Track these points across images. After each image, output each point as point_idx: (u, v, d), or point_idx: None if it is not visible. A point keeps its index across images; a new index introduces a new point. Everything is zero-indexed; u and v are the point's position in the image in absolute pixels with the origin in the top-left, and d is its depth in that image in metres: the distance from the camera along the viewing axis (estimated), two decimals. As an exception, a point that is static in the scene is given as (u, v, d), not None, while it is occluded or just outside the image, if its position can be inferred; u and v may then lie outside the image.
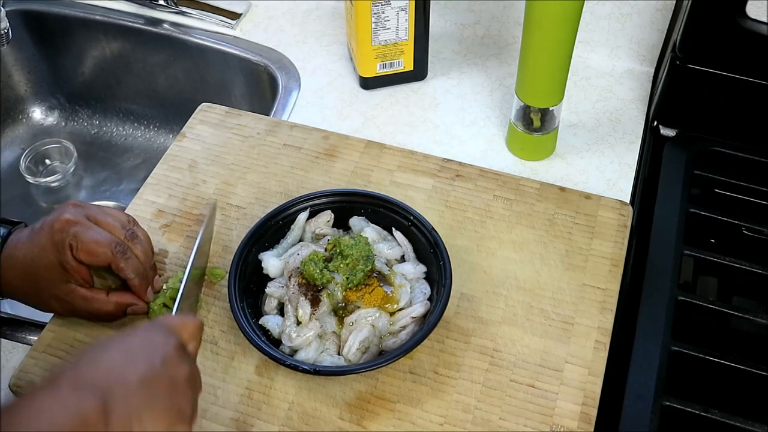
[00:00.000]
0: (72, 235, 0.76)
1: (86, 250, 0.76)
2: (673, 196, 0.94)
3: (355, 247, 0.80)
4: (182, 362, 0.61)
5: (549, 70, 0.93)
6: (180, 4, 1.25)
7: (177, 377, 0.60)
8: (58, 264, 0.76)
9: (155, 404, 0.57)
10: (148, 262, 0.81)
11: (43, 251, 0.76)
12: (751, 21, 0.92)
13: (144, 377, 0.58)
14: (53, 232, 0.76)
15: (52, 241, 0.76)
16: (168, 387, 0.59)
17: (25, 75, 1.37)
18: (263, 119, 1.03)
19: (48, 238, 0.76)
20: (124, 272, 0.79)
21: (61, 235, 0.76)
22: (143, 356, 0.59)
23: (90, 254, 0.77)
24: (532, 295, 0.84)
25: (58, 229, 0.76)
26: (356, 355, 0.77)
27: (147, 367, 0.58)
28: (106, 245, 0.77)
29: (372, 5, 1.02)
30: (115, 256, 0.77)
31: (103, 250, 0.77)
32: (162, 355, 0.60)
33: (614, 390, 0.79)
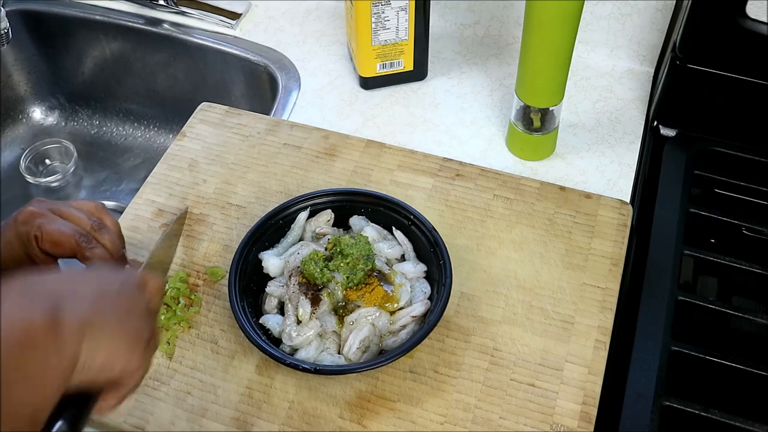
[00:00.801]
0: (36, 227, 0.75)
1: (50, 240, 0.75)
2: (673, 196, 0.94)
3: (356, 247, 0.80)
4: (140, 297, 0.60)
5: (549, 70, 0.93)
6: (180, 4, 1.25)
7: (135, 303, 0.59)
8: (26, 257, 0.76)
9: (110, 320, 0.55)
10: (116, 251, 0.78)
11: (10, 245, 0.75)
12: (751, 21, 0.92)
13: (100, 293, 0.56)
14: (17, 225, 0.76)
15: (17, 234, 0.75)
16: (125, 308, 0.57)
17: (25, 75, 1.37)
18: (263, 118, 1.03)
19: (13, 231, 0.76)
20: (89, 262, 0.77)
21: (25, 227, 0.75)
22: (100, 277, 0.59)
23: (54, 244, 0.75)
24: (532, 294, 0.84)
25: (22, 221, 0.76)
26: (356, 355, 0.77)
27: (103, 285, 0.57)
28: (70, 235, 0.75)
29: (372, 5, 1.02)
30: (80, 245, 0.75)
31: (67, 239, 0.75)
32: (120, 282, 0.59)
33: (614, 390, 0.79)
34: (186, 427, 0.75)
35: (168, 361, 0.80)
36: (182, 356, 0.80)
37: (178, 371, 0.79)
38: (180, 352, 0.80)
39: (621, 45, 1.14)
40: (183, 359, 0.80)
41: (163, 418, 0.76)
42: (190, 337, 0.81)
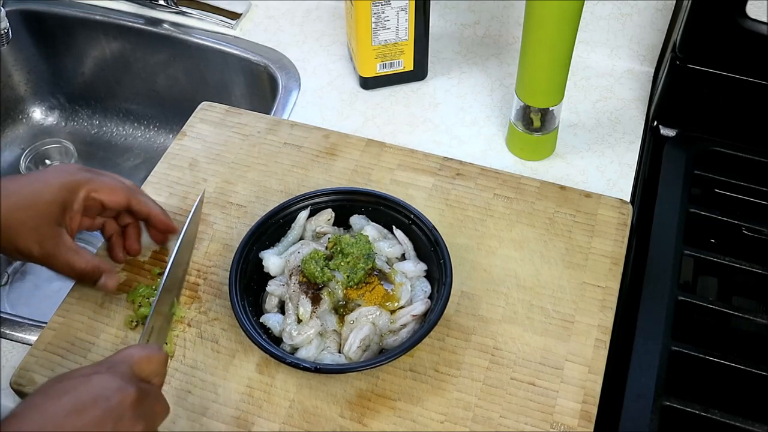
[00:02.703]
0: (87, 179, 0.77)
1: (107, 189, 0.78)
2: (673, 196, 0.94)
3: (356, 246, 0.80)
4: (137, 420, 0.60)
5: (549, 70, 0.93)
6: (180, 4, 1.25)
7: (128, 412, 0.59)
8: (60, 204, 0.76)
9: None
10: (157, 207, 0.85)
11: (48, 187, 0.76)
12: (751, 21, 0.92)
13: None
14: (65, 174, 0.77)
15: (61, 181, 0.76)
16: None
17: (25, 75, 1.37)
18: (264, 118, 1.03)
19: (57, 177, 0.77)
20: (144, 205, 0.81)
21: (74, 177, 0.77)
22: (92, 414, 0.57)
23: (111, 192, 0.79)
24: (533, 293, 0.84)
25: (71, 171, 0.77)
26: (357, 353, 0.77)
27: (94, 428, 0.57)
28: (123, 186, 0.80)
29: (372, 5, 1.02)
30: (133, 193, 0.80)
31: (121, 188, 0.79)
32: (115, 414, 0.58)
33: (614, 390, 0.79)
34: (186, 425, 0.75)
35: (168, 360, 0.79)
36: (183, 355, 0.80)
37: (179, 370, 0.79)
38: (180, 350, 0.80)
39: (621, 45, 1.14)
40: (183, 358, 0.80)
41: (163, 417, 0.76)
42: (190, 336, 0.81)
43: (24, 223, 0.75)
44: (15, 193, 0.75)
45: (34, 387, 0.78)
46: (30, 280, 1.19)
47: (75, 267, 0.78)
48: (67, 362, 0.80)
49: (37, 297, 1.17)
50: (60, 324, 0.83)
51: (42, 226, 0.75)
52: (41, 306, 1.15)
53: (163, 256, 0.88)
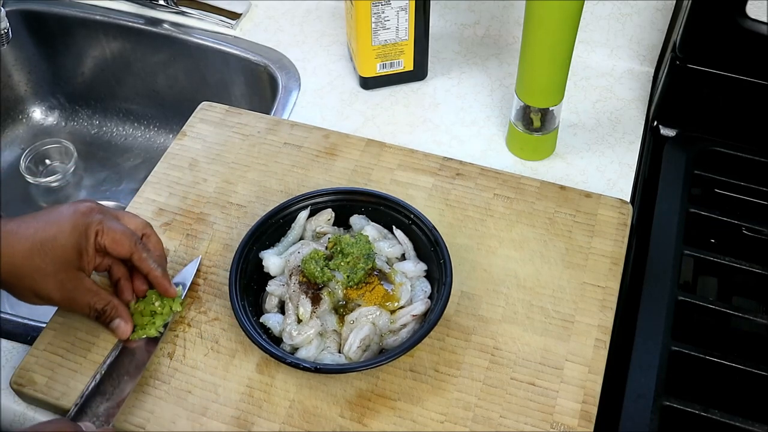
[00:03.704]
0: (98, 221, 0.76)
1: (111, 238, 0.77)
2: (673, 196, 0.94)
3: (356, 246, 0.80)
4: None
5: (549, 70, 0.93)
6: (180, 4, 1.25)
7: None
8: (75, 247, 0.75)
9: None
10: (164, 262, 0.83)
11: (62, 231, 0.75)
12: (751, 21, 0.92)
13: None
14: (77, 215, 0.76)
15: (74, 224, 0.75)
16: None
17: (25, 75, 1.37)
18: (264, 118, 1.03)
19: (70, 219, 0.75)
20: (146, 263, 0.79)
21: (86, 218, 0.76)
22: None
23: (114, 242, 0.77)
24: (533, 293, 0.84)
25: (83, 212, 0.76)
26: (357, 353, 0.77)
27: None
28: (130, 236, 0.78)
29: (372, 5, 1.02)
30: (137, 247, 0.78)
31: (127, 239, 0.78)
32: None
33: (614, 390, 0.79)
34: (186, 425, 0.75)
35: (169, 360, 0.80)
36: (183, 355, 0.80)
37: (179, 370, 0.79)
38: (180, 350, 0.80)
39: (621, 45, 1.14)
40: (183, 358, 0.80)
41: (163, 417, 0.76)
42: (190, 336, 0.81)
43: (41, 269, 0.74)
44: (28, 239, 0.74)
45: (34, 387, 0.78)
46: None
47: (95, 307, 0.78)
48: (67, 362, 0.80)
49: (37, 297, 1.16)
50: (60, 324, 0.83)
51: (60, 271, 0.75)
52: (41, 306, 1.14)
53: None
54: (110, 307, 0.79)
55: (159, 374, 0.79)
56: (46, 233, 0.75)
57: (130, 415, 0.76)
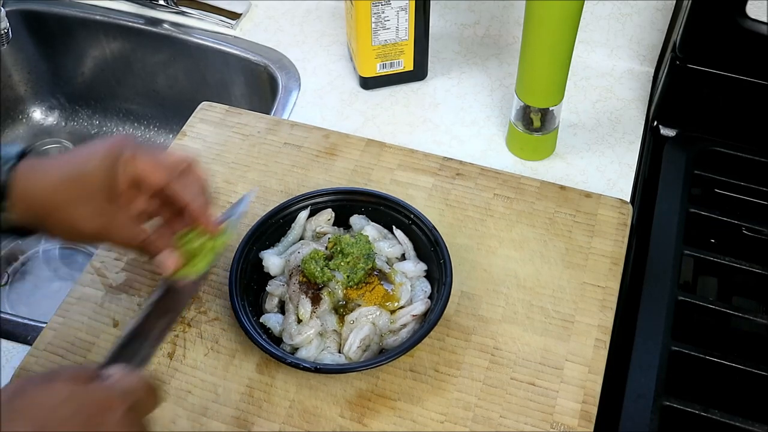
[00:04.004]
0: (130, 150, 0.71)
1: (143, 167, 0.71)
2: (673, 196, 0.94)
3: (356, 246, 0.80)
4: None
5: (549, 70, 0.93)
6: (180, 4, 1.25)
7: None
8: (105, 176, 0.70)
9: None
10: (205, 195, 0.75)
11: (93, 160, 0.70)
12: (751, 21, 0.92)
13: None
14: (108, 146, 0.71)
15: (105, 153, 0.70)
16: None
17: (25, 75, 1.37)
18: (264, 118, 1.03)
19: (101, 150, 0.71)
20: (182, 194, 0.73)
21: (116, 149, 0.71)
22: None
23: (147, 171, 0.71)
24: (533, 293, 0.84)
25: (115, 143, 0.71)
26: (357, 353, 0.77)
27: None
28: (164, 165, 0.72)
29: (372, 5, 1.02)
30: (172, 176, 0.72)
31: (162, 168, 0.72)
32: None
33: (614, 390, 0.79)
34: (186, 425, 0.75)
35: (169, 360, 0.80)
36: (183, 355, 0.80)
37: (179, 370, 0.79)
38: (180, 350, 0.80)
39: (621, 45, 1.14)
40: (183, 358, 0.80)
41: (163, 417, 0.76)
42: (190, 336, 0.81)
43: (72, 200, 0.70)
44: (59, 169, 0.70)
45: (34, 387, 0.78)
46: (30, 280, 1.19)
47: (130, 243, 0.73)
48: (67, 362, 0.80)
49: (37, 297, 1.16)
50: (60, 324, 0.83)
51: (91, 202, 0.70)
52: (41, 306, 1.15)
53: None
54: (149, 242, 0.74)
55: (159, 374, 0.79)
56: (76, 164, 0.71)
57: (130, 415, 0.76)
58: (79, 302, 0.85)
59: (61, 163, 0.71)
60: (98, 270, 0.87)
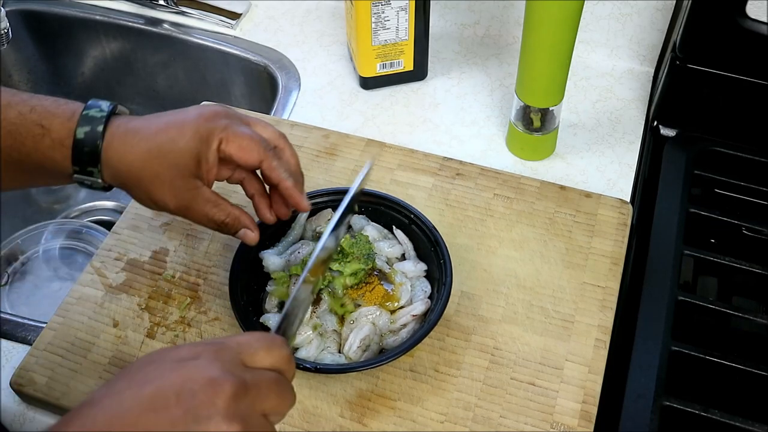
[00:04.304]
0: (222, 127, 0.70)
1: (238, 145, 0.70)
2: (673, 196, 0.94)
3: (356, 246, 0.80)
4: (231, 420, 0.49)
5: (549, 70, 0.93)
6: (180, 4, 1.25)
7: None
8: (194, 154, 0.69)
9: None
10: (298, 175, 0.76)
11: (183, 135, 0.69)
12: (751, 21, 0.92)
13: None
14: (200, 119, 0.70)
15: (196, 128, 0.69)
16: None
17: (25, 75, 1.37)
18: (264, 118, 1.03)
19: (192, 123, 0.70)
20: (276, 172, 0.73)
21: (209, 124, 0.70)
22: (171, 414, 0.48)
23: (241, 149, 0.71)
24: (533, 293, 0.84)
25: (207, 117, 0.70)
26: (357, 353, 0.77)
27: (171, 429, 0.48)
28: (259, 142, 0.71)
29: (372, 5, 1.02)
30: (267, 154, 0.72)
31: (256, 146, 0.71)
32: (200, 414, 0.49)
33: (614, 390, 0.79)
34: (186, 425, 0.75)
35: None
36: (182, 355, 0.80)
37: (179, 370, 0.79)
38: (180, 350, 0.80)
39: (621, 45, 1.14)
40: (183, 358, 0.80)
41: (163, 417, 0.75)
42: (190, 336, 0.81)
43: (157, 175, 0.69)
44: (148, 140, 0.69)
45: (34, 387, 0.78)
46: (30, 280, 1.19)
47: (214, 219, 0.73)
48: (67, 362, 0.80)
49: (37, 297, 1.16)
50: (60, 324, 0.83)
51: (176, 178, 0.70)
52: (41, 306, 1.14)
53: (163, 255, 0.88)
54: (231, 218, 0.74)
55: (159, 374, 0.79)
56: (166, 136, 0.69)
57: (130, 415, 0.76)
58: (79, 302, 0.85)
59: (150, 133, 0.70)
60: (98, 270, 0.87)
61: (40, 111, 0.70)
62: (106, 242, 0.90)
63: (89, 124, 0.69)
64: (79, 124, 0.69)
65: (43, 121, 0.69)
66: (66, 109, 0.70)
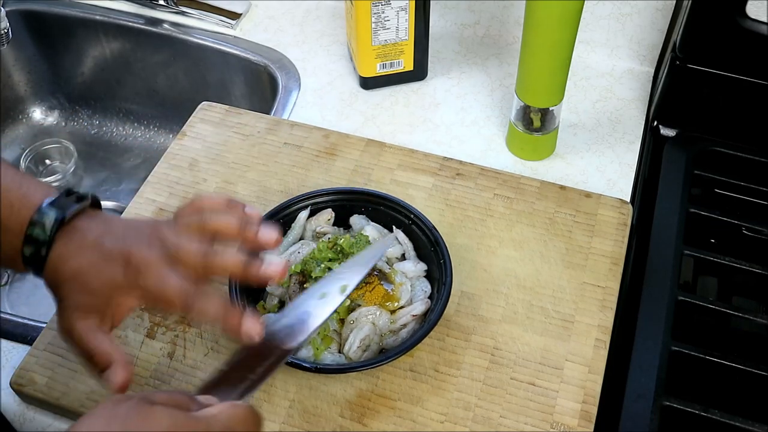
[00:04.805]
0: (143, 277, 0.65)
1: (152, 298, 0.66)
2: (673, 196, 0.94)
3: (356, 246, 0.80)
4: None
5: (549, 70, 0.93)
6: (180, 4, 1.25)
7: None
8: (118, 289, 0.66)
9: None
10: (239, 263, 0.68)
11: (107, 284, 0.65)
12: (751, 21, 0.92)
13: None
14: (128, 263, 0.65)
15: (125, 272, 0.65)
16: None
17: (25, 75, 1.37)
18: (264, 117, 1.03)
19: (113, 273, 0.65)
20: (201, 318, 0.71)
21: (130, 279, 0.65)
22: None
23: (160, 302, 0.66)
24: (533, 293, 0.84)
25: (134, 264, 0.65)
26: (357, 353, 0.77)
27: None
28: (175, 294, 0.64)
29: (372, 5, 1.02)
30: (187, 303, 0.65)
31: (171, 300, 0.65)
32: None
33: (614, 390, 0.79)
34: (186, 425, 0.75)
35: (169, 360, 0.80)
36: (183, 355, 0.80)
37: (179, 370, 0.79)
38: (180, 350, 0.80)
39: (621, 45, 1.14)
40: (183, 358, 0.80)
41: (163, 417, 0.75)
42: (190, 336, 0.81)
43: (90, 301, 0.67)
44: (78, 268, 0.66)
45: (34, 387, 0.78)
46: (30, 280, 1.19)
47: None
48: (67, 362, 0.80)
49: (37, 297, 1.16)
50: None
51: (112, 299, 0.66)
52: (41, 306, 1.15)
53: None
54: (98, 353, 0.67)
55: (159, 374, 0.79)
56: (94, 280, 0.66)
57: (130, 415, 0.76)
58: (79, 302, 0.84)
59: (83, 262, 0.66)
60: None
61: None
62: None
63: (33, 246, 0.66)
64: (25, 242, 0.66)
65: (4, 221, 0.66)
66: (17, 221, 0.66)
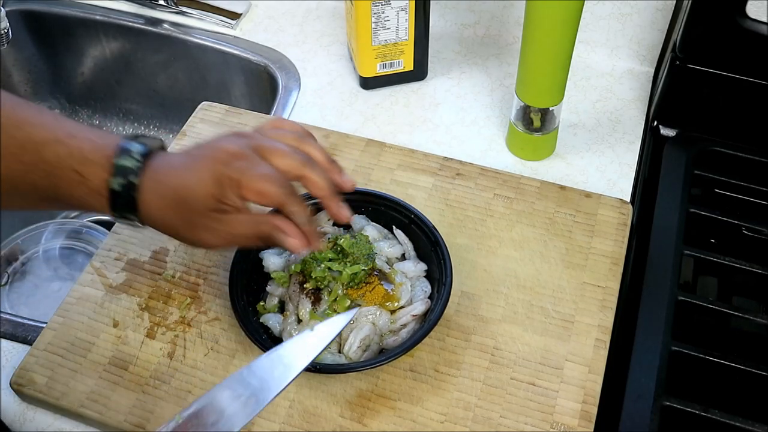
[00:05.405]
0: (237, 173, 0.67)
1: (256, 191, 0.67)
2: (673, 196, 0.94)
3: (356, 246, 0.80)
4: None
5: (549, 70, 0.93)
6: (180, 4, 1.25)
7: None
8: (216, 198, 0.67)
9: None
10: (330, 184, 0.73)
11: (200, 182, 0.67)
12: (751, 21, 0.92)
13: None
14: (216, 164, 0.67)
15: (212, 173, 0.67)
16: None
17: (25, 75, 1.37)
18: (264, 117, 1.03)
19: (208, 168, 0.67)
20: (296, 218, 0.70)
21: (224, 169, 0.67)
22: None
23: (260, 195, 0.68)
24: (533, 293, 0.84)
25: (223, 160, 0.68)
26: (357, 353, 0.77)
27: None
28: (278, 183, 0.68)
29: (372, 5, 1.02)
30: (288, 199, 0.69)
31: (275, 189, 0.68)
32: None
33: (614, 390, 0.79)
34: (186, 425, 0.75)
35: (169, 360, 0.80)
36: (183, 355, 0.80)
37: (179, 370, 0.79)
38: (180, 350, 0.80)
39: (621, 45, 1.14)
40: (184, 358, 0.80)
41: (163, 417, 0.76)
42: (190, 336, 0.81)
43: (189, 221, 0.69)
44: (172, 189, 0.68)
45: (35, 387, 0.78)
46: (30, 280, 1.19)
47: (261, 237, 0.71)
48: (67, 362, 0.80)
49: (37, 297, 1.16)
50: (60, 324, 0.83)
51: (208, 221, 0.68)
52: (41, 306, 1.15)
53: (163, 255, 0.88)
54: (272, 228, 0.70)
55: (159, 374, 0.79)
56: (184, 183, 0.68)
57: (129, 415, 0.76)
58: (79, 302, 0.85)
59: (172, 181, 0.68)
60: (98, 270, 0.87)
61: (77, 156, 0.66)
62: (106, 242, 0.90)
63: (123, 176, 0.67)
64: (113, 174, 0.67)
65: (80, 167, 0.66)
66: (101, 155, 0.67)
